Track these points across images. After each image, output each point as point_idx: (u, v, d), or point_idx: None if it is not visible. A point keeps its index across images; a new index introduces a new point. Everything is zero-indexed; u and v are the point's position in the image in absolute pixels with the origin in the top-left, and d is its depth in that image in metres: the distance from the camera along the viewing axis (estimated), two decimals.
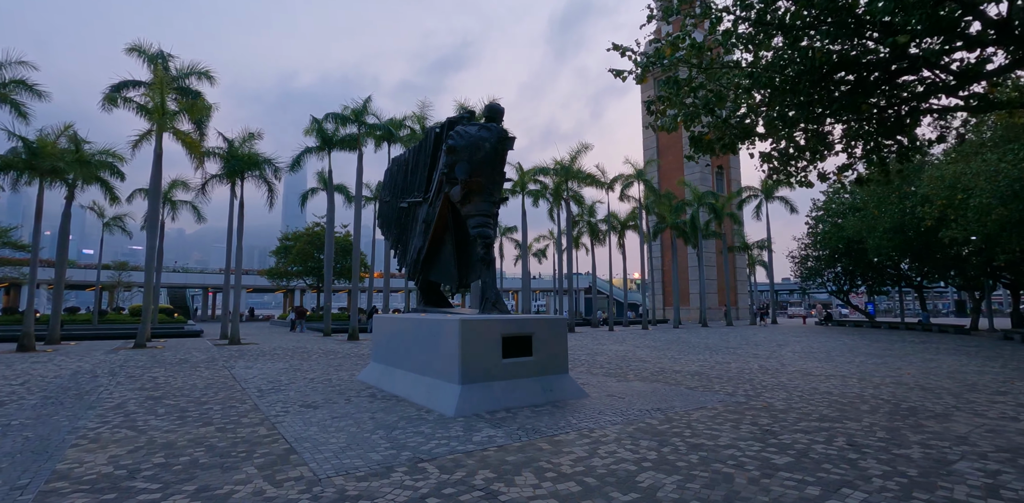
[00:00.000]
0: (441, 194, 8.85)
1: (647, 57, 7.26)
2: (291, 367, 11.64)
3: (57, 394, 8.20)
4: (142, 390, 8.56)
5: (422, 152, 10.80)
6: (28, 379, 9.78)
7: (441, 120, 25.14)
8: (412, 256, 10.03)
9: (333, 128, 24.54)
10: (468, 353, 6.81)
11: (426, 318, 7.75)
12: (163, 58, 21.48)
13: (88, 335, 21.62)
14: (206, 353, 15.23)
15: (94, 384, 9.21)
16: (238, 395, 8.04)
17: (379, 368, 9.04)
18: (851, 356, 14.18)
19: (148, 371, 10.99)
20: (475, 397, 6.69)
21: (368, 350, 16.27)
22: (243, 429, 5.84)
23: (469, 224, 8.30)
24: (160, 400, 7.63)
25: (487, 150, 8.29)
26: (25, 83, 19.41)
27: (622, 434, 5.58)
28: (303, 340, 21.31)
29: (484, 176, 8.32)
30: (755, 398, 7.76)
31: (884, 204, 21.31)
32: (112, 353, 15.12)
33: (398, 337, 8.51)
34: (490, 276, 8.04)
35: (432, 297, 9.81)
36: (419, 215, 10.26)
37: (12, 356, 14.03)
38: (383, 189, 14.23)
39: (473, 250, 8.57)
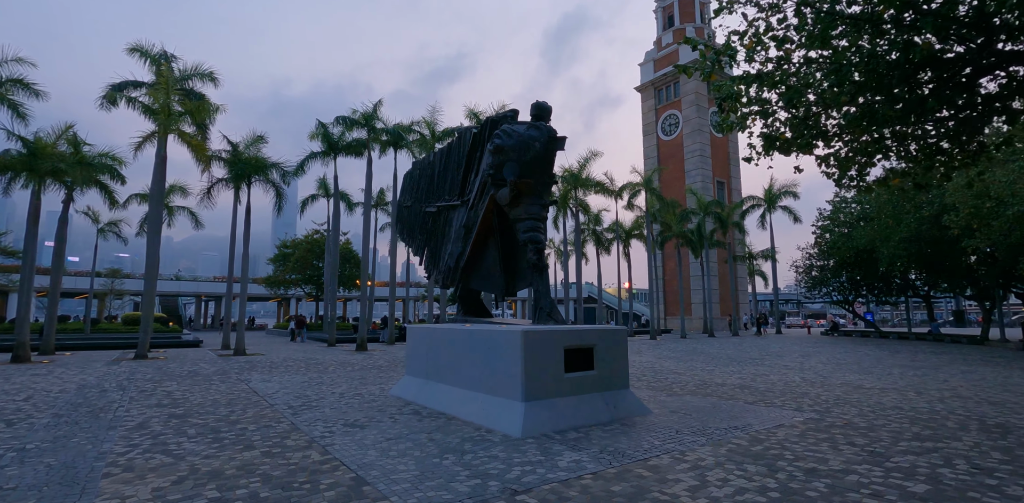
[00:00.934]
0: (485, 196, 8.35)
1: (716, 52, 6.85)
2: (311, 380, 10.97)
3: (68, 411, 7.49)
4: (160, 406, 7.88)
5: (454, 154, 10.32)
6: (32, 394, 9.02)
7: (451, 126, 24.81)
8: (447, 263, 9.48)
9: (339, 133, 24.04)
10: (531, 367, 6.26)
11: (477, 329, 7.19)
12: (166, 59, 20.91)
13: (83, 345, 20.65)
14: (214, 364, 14.46)
15: (105, 400, 8.50)
16: (269, 412, 7.40)
17: (417, 382, 8.44)
18: (885, 368, 13.79)
19: (160, 385, 10.26)
20: (540, 415, 6.12)
21: (384, 362, 15.59)
22: (292, 453, 5.23)
23: (518, 228, 7.80)
24: (185, 418, 6.97)
25: (537, 150, 7.83)
26: (23, 82, 18.74)
27: (718, 457, 5.05)
28: (309, 350, 20.52)
29: (534, 177, 7.85)
30: (826, 414, 7.27)
31: (900, 213, 21.17)
32: (114, 364, 14.29)
33: (441, 349, 7.93)
34: (543, 284, 7.53)
35: (472, 306, 9.25)
36: (453, 219, 9.74)
37: (8, 368, 13.17)
38: (402, 193, 13.70)
39: (521, 256, 8.07)
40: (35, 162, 15.31)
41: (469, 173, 9.40)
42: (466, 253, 8.67)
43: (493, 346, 6.71)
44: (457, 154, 10.15)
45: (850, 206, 29.35)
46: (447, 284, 9.61)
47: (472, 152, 9.46)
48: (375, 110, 21.97)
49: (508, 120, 8.81)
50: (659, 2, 51.22)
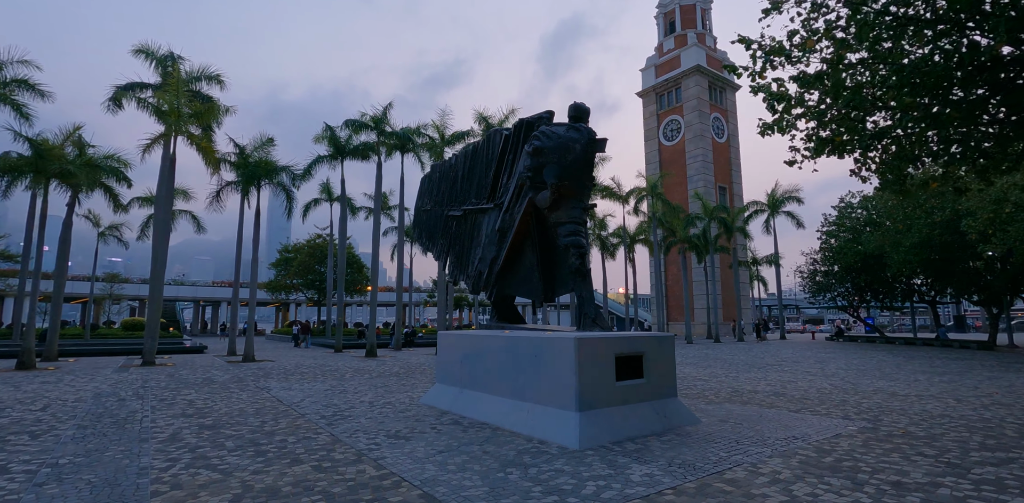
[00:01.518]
0: (522, 199, 8.15)
1: (766, 51, 6.71)
2: (334, 388, 10.67)
3: (91, 422, 7.17)
4: (186, 416, 7.57)
5: (480, 156, 10.12)
6: (48, 403, 8.68)
7: (460, 129, 24.66)
8: (478, 267, 9.26)
9: (346, 136, 23.81)
10: (584, 376, 6.03)
11: (520, 336, 6.96)
12: (173, 60, 20.66)
13: (84, 351, 20.20)
14: (226, 372, 14.10)
15: (126, 409, 8.17)
16: (303, 423, 7.11)
17: (451, 391, 8.18)
18: (908, 374, 13.65)
19: (177, 393, 9.93)
20: (596, 426, 5.89)
21: (399, 368, 15.29)
22: (345, 468, 4.96)
23: (559, 232, 7.59)
24: (218, 429, 6.68)
25: (577, 152, 7.63)
26: (28, 82, 18.43)
27: (793, 469, 4.84)
28: (318, 357, 20.16)
29: (574, 180, 7.66)
30: (878, 423, 7.08)
31: (910, 219, 21.17)
32: (122, 371, 13.90)
33: (479, 357, 7.68)
34: (587, 289, 7.31)
35: (506, 312, 9.01)
36: (483, 223, 9.52)
37: (14, 375, 12.75)
38: (421, 197, 13.49)
39: (561, 260, 7.86)
40: (42, 164, 14.96)
41: (500, 175, 9.20)
42: (501, 257, 8.46)
43: (541, 353, 6.48)
44: (485, 156, 9.95)
45: (856, 211, 29.42)
46: (477, 289, 9.37)
47: (503, 154, 9.27)
48: (385, 113, 21.78)
49: (544, 122, 8.62)
50: (660, 8, 51.52)
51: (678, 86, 47.49)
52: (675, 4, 49.86)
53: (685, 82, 46.73)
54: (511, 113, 24.46)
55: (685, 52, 47.18)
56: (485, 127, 24.06)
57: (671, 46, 49.34)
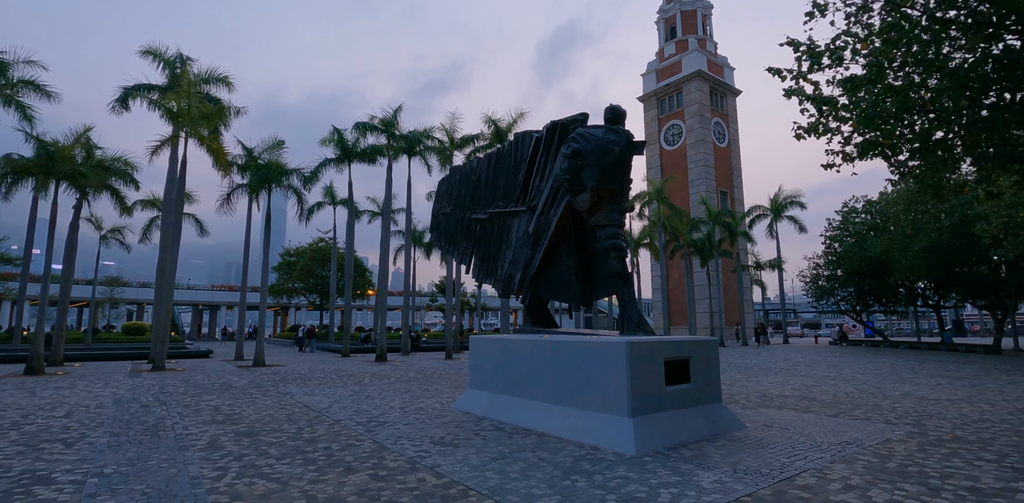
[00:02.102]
0: (559, 202, 8.07)
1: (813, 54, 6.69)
2: (358, 394, 10.50)
3: (122, 429, 6.98)
4: (218, 423, 7.40)
5: (507, 159, 10.05)
6: (70, 410, 8.46)
7: (470, 133, 24.58)
8: (508, 271, 9.16)
9: (353, 139, 23.69)
10: (636, 380, 5.94)
11: (564, 340, 6.86)
12: (182, 61, 20.53)
13: (89, 356, 19.86)
14: (241, 376, 13.86)
15: (152, 416, 7.98)
16: (340, 430, 6.96)
17: (485, 396, 8.05)
18: (928, 378, 13.64)
19: (199, 399, 9.72)
20: (649, 432, 5.79)
21: (415, 373, 15.11)
22: (404, 476, 4.83)
23: (599, 235, 7.52)
24: (256, 437, 6.51)
25: (616, 154, 7.58)
26: (34, 83, 18.25)
27: (862, 475, 4.75)
28: (327, 361, 19.92)
29: (613, 183, 7.60)
30: (922, 427, 7.03)
31: (918, 223, 21.29)
32: (134, 376, 13.64)
33: (517, 361, 7.56)
34: (629, 293, 7.23)
35: (541, 316, 8.90)
36: (513, 225, 9.44)
37: (26, 380, 12.47)
38: (439, 200, 13.42)
39: (599, 264, 7.78)
40: (53, 165, 14.72)
41: (531, 178, 9.12)
42: (536, 261, 8.36)
43: (589, 358, 6.38)
44: (513, 159, 9.88)
45: (860, 216, 29.57)
46: (508, 292, 9.26)
47: (534, 156, 9.20)
48: (395, 116, 21.67)
49: (579, 124, 8.58)
50: (661, 14, 51.87)
51: (679, 91, 47.74)
52: (676, 10, 50.23)
53: (686, 87, 46.99)
54: (520, 117, 24.46)
55: (686, 57, 47.48)
56: (494, 130, 24.02)
57: (672, 51, 49.64)
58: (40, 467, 5.20)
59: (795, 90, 7.79)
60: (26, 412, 8.26)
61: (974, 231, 17.34)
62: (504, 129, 24.23)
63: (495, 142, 24.37)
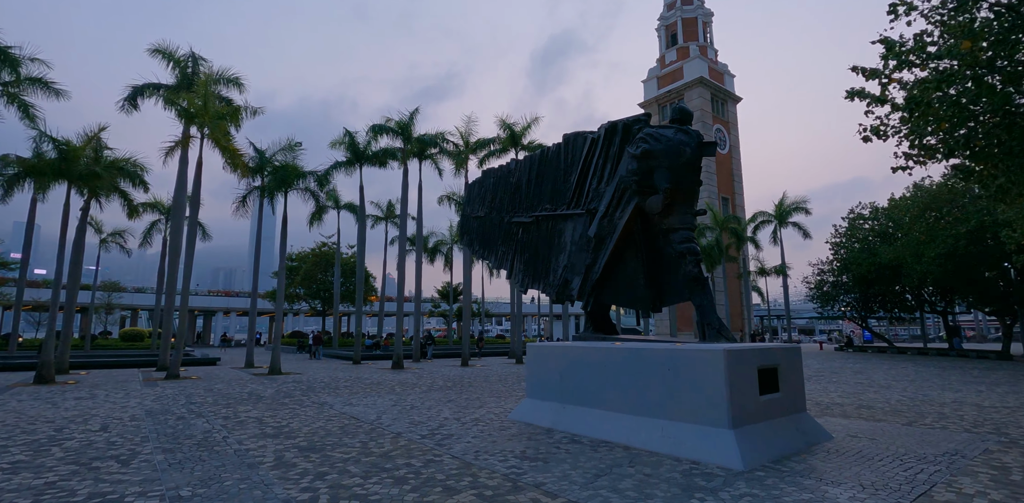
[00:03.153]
0: (626, 205, 7.80)
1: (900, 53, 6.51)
2: (398, 404, 10.09)
3: (172, 444, 6.53)
4: (271, 437, 6.96)
5: (554, 161, 9.79)
6: (104, 423, 7.95)
7: (484, 136, 24.30)
8: (563, 275, 8.85)
9: (364, 142, 23.31)
10: (735, 390, 5.65)
11: (648, 348, 6.55)
12: (195, 60, 20.07)
13: (93, 363, 19.12)
14: (264, 385, 13.33)
15: (196, 429, 7.52)
16: (408, 444, 6.57)
17: (549, 407, 7.69)
18: (963, 384, 13.54)
19: (234, 410, 9.23)
20: (751, 444, 5.50)
21: (443, 381, 14.68)
22: (514, 496, 4.47)
23: (673, 239, 7.25)
24: (323, 452, 6.10)
25: (688, 156, 7.35)
26: (43, 81, 17.66)
27: (996, 489, 4.50)
28: (341, 368, 19.37)
29: (685, 184, 7.36)
30: (1006, 436, 6.81)
31: (934, 229, 21.37)
32: (151, 385, 13.05)
33: (586, 370, 7.24)
34: (707, 299, 6.96)
35: (602, 323, 8.59)
36: (565, 229, 9.14)
37: (39, 390, 11.84)
38: (470, 203, 13.17)
39: (670, 268, 7.50)
40: (68, 166, 14.15)
41: (588, 180, 8.85)
42: (599, 265, 8.06)
43: (679, 367, 6.08)
44: (561, 160, 9.61)
45: (868, 223, 29.74)
46: (563, 298, 8.94)
47: (588, 158, 8.94)
48: (411, 118, 21.33)
49: (642, 124, 8.34)
50: (662, 21, 52.27)
51: (680, 97, 47.99)
52: (677, 17, 50.65)
53: (688, 94, 47.26)
54: (534, 121, 24.28)
55: (687, 64, 47.81)
56: (509, 134, 23.80)
57: (673, 58, 49.98)
58: (106, 489, 4.76)
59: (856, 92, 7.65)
60: (58, 425, 7.74)
61: (1000, 237, 17.38)
62: (519, 133, 24.03)
63: (508, 146, 24.16)
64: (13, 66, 15.13)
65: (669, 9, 51.89)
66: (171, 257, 18.94)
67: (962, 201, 21.27)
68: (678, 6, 50.96)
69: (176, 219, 19.27)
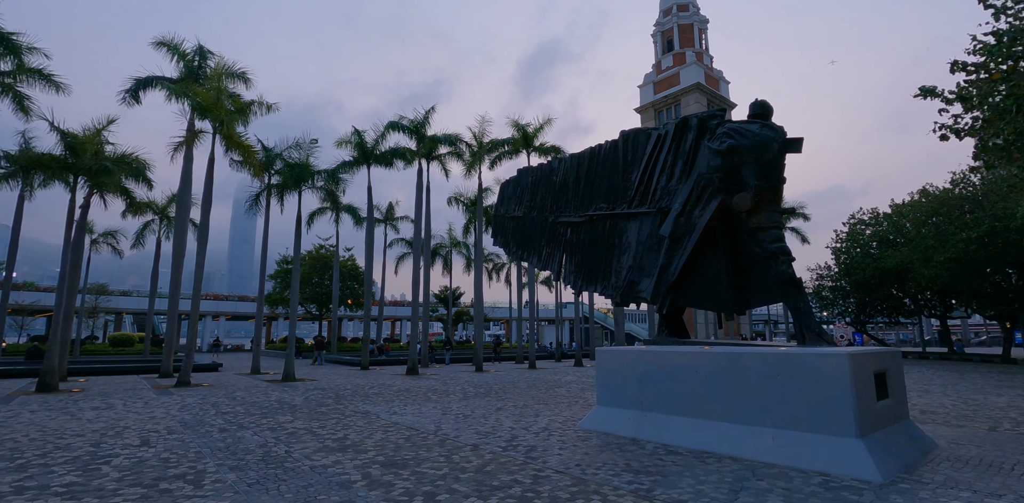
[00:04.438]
0: (706, 202, 7.47)
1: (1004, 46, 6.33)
2: (448, 413, 9.56)
3: (234, 460, 5.93)
4: (335, 450, 6.40)
5: (609, 159, 9.47)
6: (143, 436, 7.27)
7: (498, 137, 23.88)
8: (630, 277, 8.47)
9: (372, 141, 22.71)
10: (860, 397, 5.33)
11: (749, 352, 6.19)
12: (202, 55, 19.31)
13: (89, 369, 18.06)
14: (288, 393, 12.62)
15: (246, 442, 6.90)
16: (496, 457, 6.08)
17: (627, 414, 7.27)
18: (998, 389, 13.54)
19: (273, 419, 8.59)
20: (881, 453, 5.17)
21: (471, 387, 14.14)
22: None
23: (762, 238, 6.93)
24: (411, 468, 5.58)
25: (775, 151, 7.06)
26: (42, 72, 16.74)
27: None
28: (351, 374, 18.64)
29: (773, 181, 7.06)
30: None
31: (943, 235, 21.60)
32: (166, 394, 12.23)
33: (677, 376, 6.83)
34: (804, 300, 6.65)
35: (677, 326, 8.21)
36: (628, 228, 8.79)
37: (47, 399, 10.94)
38: (503, 203, 12.85)
39: (756, 269, 7.17)
40: (77, 159, 13.29)
41: (655, 177, 8.51)
42: (677, 265, 7.70)
43: (791, 372, 5.72)
44: (619, 158, 9.28)
45: (868, 228, 30.09)
46: (628, 300, 8.58)
47: (653, 155, 8.61)
48: (426, 117, 20.82)
49: (718, 119, 8.05)
50: (658, 27, 52.73)
51: (677, 103, 48.34)
52: (673, 23, 51.12)
53: (685, 99, 47.62)
54: (546, 123, 23.99)
55: (684, 70, 48.20)
56: (522, 135, 23.47)
57: (669, 63, 50.38)
58: None
59: (930, 90, 7.50)
60: (92, 440, 7.04)
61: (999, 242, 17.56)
62: (531, 134, 23.72)
63: (520, 147, 23.81)
64: (16, 54, 14.23)
65: (665, 15, 52.36)
66: (174, 258, 18.08)
67: (971, 206, 21.57)
68: (674, 12, 51.45)
69: (180, 219, 18.41)
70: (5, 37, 13.91)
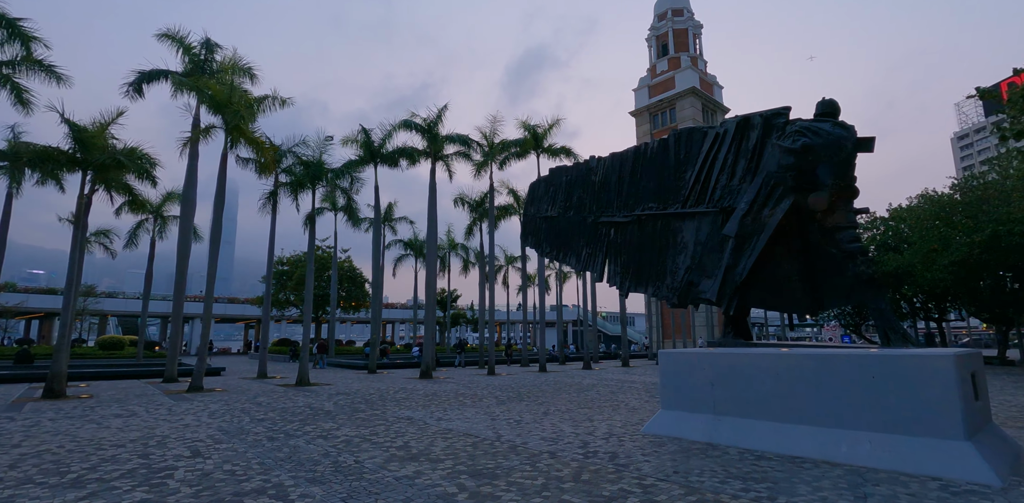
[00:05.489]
0: (777, 201, 7.34)
1: None
2: (498, 418, 9.25)
3: (307, 473, 5.56)
4: (407, 460, 6.07)
5: (660, 157, 9.32)
6: (191, 447, 6.81)
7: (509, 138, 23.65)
8: (688, 278, 8.30)
9: (379, 140, 22.28)
10: (965, 398, 5.22)
11: (843, 353, 6.05)
12: (209, 48, 18.75)
13: (87, 374, 17.21)
14: (310, 398, 12.12)
15: (305, 451, 6.52)
16: (582, 466, 5.83)
17: (702, 419, 7.08)
18: (1011, 389, 13.76)
19: (318, 426, 8.18)
20: (992, 456, 5.07)
21: (500, 390, 13.83)
22: None
23: (840, 238, 6.85)
24: (505, 479, 5.29)
25: (849, 151, 6.99)
26: (42, 63, 16.00)
27: None
28: (363, 379, 18.14)
29: (847, 180, 6.98)
30: None
31: (947, 239, 22.01)
32: (182, 399, 11.65)
33: (755, 378, 6.66)
34: (885, 302, 6.54)
35: (742, 328, 8.05)
36: (684, 228, 8.63)
37: (60, 406, 10.27)
38: (534, 203, 12.71)
39: (835, 269, 7.03)
40: (88, 154, 12.64)
41: (714, 176, 8.37)
42: (745, 266, 7.55)
43: (890, 374, 5.59)
44: (671, 157, 9.12)
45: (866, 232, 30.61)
46: (687, 301, 8.41)
47: (710, 153, 8.48)
48: (439, 116, 20.48)
49: (783, 118, 7.94)
50: (652, 31, 53.20)
51: (672, 107, 48.75)
52: (668, 28, 51.62)
53: (680, 103, 48.05)
54: (555, 123, 23.87)
55: (680, 74, 48.67)
56: (532, 135, 23.29)
57: (664, 68, 50.82)
58: None
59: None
60: (135, 450, 6.57)
61: None
62: (541, 135, 23.56)
63: (531, 147, 23.63)
64: (24, 41, 13.54)
65: (660, 19, 52.84)
66: (179, 259, 17.44)
67: (973, 211, 22.03)
68: (669, 17, 51.96)
69: (186, 218, 17.78)
70: (12, 23, 13.20)
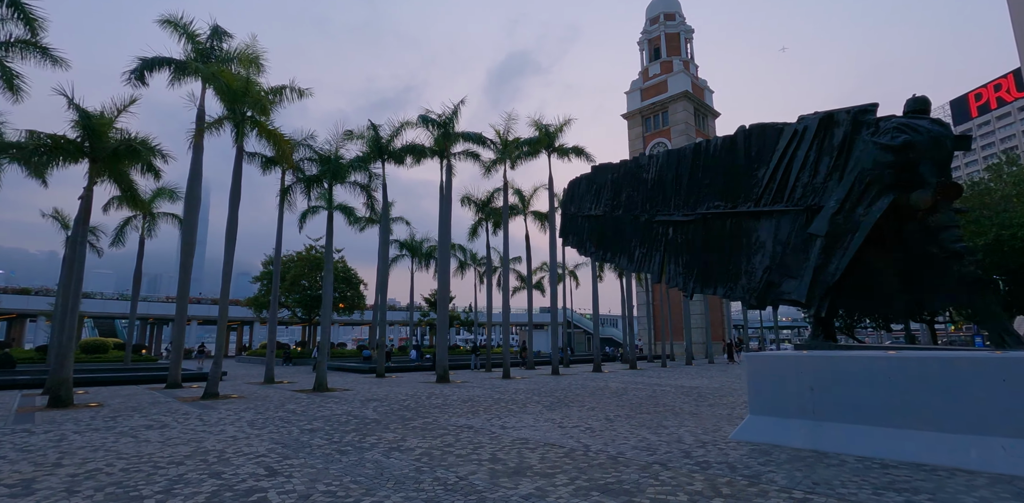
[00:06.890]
0: (873, 200, 7.12)
1: None
2: (559, 424, 8.82)
3: (417, 493, 5.03)
4: (512, 474, 5.59)
5: (725, 155, 9.09)
6: (259, 462, 6.16)
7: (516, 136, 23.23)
8: (768, 278, 8.04)
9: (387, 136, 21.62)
10: None
11: (966, 357, 5.84)
12: (218, 36, 17.87)
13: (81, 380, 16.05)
14: (343, 405, 11.42)
15: (392, 467, 5.97)
16: (709, 478, 5.45)
17: (802, 425, 6.79)
18: None
19: (376, 437, 7.60)
20: None
21: (535, 394, 13.37)
22: None
23: (944, 238, 6.67)
24: (641, 495, 4.88)
25: (948, 148, 6.84)
26: (36, 44, 14.92)
27: None
28: (376, 383, 17.43)
29: (948, 178, 6.82)
30: None
31: None
32: (203, 407, 10.83)
33: (863, 383, 6.39)
34: (995, 302, 6.37)
35: (830, 330, 7.80)
36: (763, 227, 8.36)
37: (72, 416, 9.33)
38: (575, 201, 12.49)
39: (937, 269, 6.86)
40: (97, 143, 11.69)
41: (788, 174, 8.13)
42: (838, 266, 7.30)
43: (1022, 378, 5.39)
44: (741, 155, 8.87)
45: None
46: (766, 303, 8.15)
47: (788, 150, 8.25)
48: (455, 112, 19.92)
49: (870, 114, 7.74)
50: (644, 35, 53.64)
51: (665, 110, 49.16)
52: (660, 32, 52.10)
53: (672, 107, 48.48)
54: (566, 123, 23.63)
55: (672, 78, 49.13)
56: (543, 134, 22.99)
57: (657, 71, 51.26)
58: None
59: None
60: (197, 468, 5.90)
61: None
62: (553, 133, 23.28)
63: (542, 146, 23.31)
64: (29, 23, 12.53)
65: (652, 23, 53.31)
66: (183, 258, 16.50)
67: (976, 215, 22.62)
68: (661, 21, 52.48)
69: (190, 215, 16.84)
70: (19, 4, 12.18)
